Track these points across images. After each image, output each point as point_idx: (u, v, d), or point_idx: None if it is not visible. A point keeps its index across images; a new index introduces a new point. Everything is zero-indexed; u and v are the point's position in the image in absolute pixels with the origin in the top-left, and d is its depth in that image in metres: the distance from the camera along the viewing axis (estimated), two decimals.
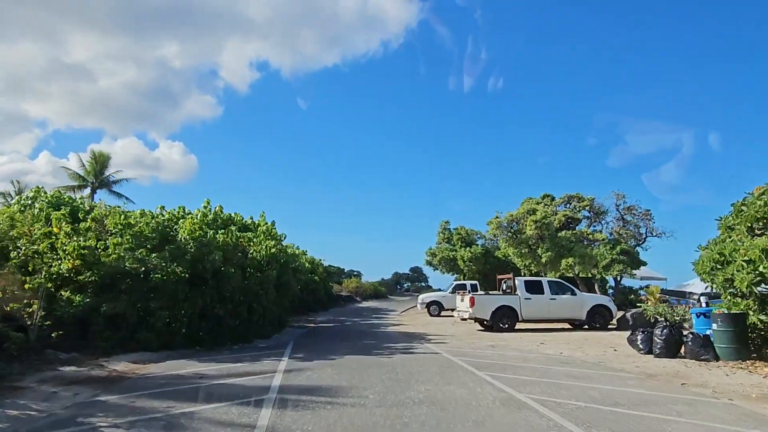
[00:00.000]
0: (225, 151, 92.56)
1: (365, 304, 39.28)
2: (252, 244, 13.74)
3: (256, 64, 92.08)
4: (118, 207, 14.34)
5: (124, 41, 78.07)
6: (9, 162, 62.98)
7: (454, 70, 77.42)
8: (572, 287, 18.24)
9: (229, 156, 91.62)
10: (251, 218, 16.63)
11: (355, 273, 74.79)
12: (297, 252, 26.94)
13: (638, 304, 27.67)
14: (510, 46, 78.76)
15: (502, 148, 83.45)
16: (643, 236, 30.09)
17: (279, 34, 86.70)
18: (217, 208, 13.98)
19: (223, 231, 12.79)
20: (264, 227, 14.94)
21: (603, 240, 22.58)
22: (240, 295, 13.25)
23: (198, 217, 12.79)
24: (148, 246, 12.03)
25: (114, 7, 72.18)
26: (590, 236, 23.29)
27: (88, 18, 73.05)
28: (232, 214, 15.97)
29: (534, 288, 17.48)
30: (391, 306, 35.83)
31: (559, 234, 23.34)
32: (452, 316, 23.77)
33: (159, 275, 11.30)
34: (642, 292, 33.39)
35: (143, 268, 11.67)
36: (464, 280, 32.92)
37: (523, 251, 22.95)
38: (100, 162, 38.09)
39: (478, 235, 39.61)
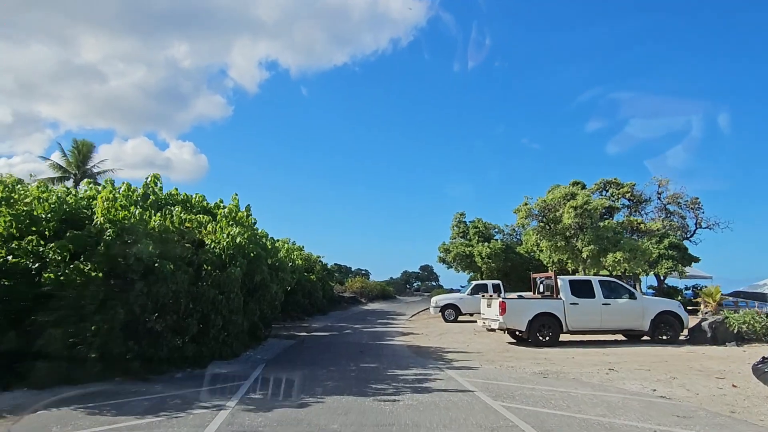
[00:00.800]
0: (235, 151, 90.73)
1: (371, 306, 35.52)
2: (206, 231, 9.93)
3: (265, 64, 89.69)
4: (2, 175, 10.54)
5: (134, 42, 76.18)
6: (22, 162, 62.21)
7: (460, 61, 74.23)
8: (631, 289, 14.28)
9: (240, 155, 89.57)
10: (220, 201, 12.83)
11: (363, 272, 71.34)
12: (291, 246, 23.21)
13: (688, 308, 23.65)
14: (514, 32, 75.53)
15: (508, 140, 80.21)
16: (691, 228, 26.07)
17: (288, 34, 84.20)
18: (150, 180, 9.90)
19: (159, 213, 9.01)
20: (227, 209, 11.03)
21: (658, 230, 18.48)
22: (188, 302, 9.53)
23: (120, 191, 8.93)
24: (46, 232, 8.35)
25: (123, 9, 70.21)
26: (642, 226, 19.14)
27: (98, 20, 71.18)
28: (192, 195, 12.24)
29: (582, 290, 13.57)
30: (400, 308, 32.02)
31: (601, 224, 19.32)
32: (472, 321, 19.92)
33: (53, 275, 7.60)
34: (688, 292, 29.25)
35: (38, 264, 8.02)
36: (482, 278, 29.06)
37: (558, 244, 18.92)
38: (83, 152, 34.80)
39: (496, 229, 35.85)
